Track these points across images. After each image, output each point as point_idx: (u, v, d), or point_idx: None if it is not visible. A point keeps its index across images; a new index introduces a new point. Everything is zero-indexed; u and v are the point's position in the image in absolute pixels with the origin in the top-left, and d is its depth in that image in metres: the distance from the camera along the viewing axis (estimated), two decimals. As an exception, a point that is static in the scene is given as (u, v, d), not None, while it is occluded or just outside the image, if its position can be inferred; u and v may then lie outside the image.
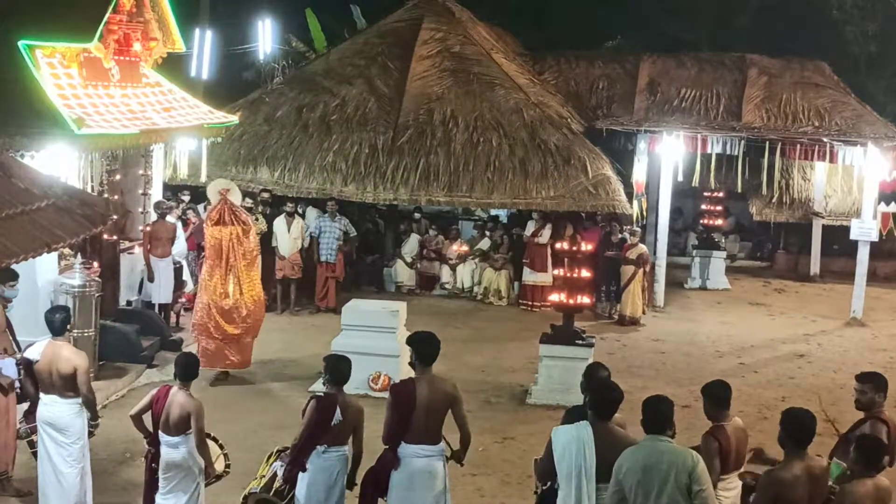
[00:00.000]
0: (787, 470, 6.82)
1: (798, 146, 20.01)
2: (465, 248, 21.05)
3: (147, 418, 8.68)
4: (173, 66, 17.66)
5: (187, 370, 8.63)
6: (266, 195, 18.95)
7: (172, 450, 8.51)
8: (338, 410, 8.19)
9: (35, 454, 9.42)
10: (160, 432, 8.54)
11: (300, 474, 8.29)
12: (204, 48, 23.73)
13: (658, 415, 6.99)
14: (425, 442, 8.20)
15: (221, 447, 8.99)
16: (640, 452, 6.81)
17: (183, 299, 16.97)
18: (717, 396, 7.89)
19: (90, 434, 9.40)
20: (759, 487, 7.00)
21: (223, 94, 22.58)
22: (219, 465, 8.87)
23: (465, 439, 8.49)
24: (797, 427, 6.96)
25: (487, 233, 21.39)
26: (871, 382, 8.26)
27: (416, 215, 21.57)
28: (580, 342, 13.66)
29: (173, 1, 15.26)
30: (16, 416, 9.69)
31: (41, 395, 9.13)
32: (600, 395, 7.37)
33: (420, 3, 23.92)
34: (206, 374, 13.27)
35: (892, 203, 19.07)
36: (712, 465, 7.32)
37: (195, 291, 17.48)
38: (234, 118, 17.35)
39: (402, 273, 20.92)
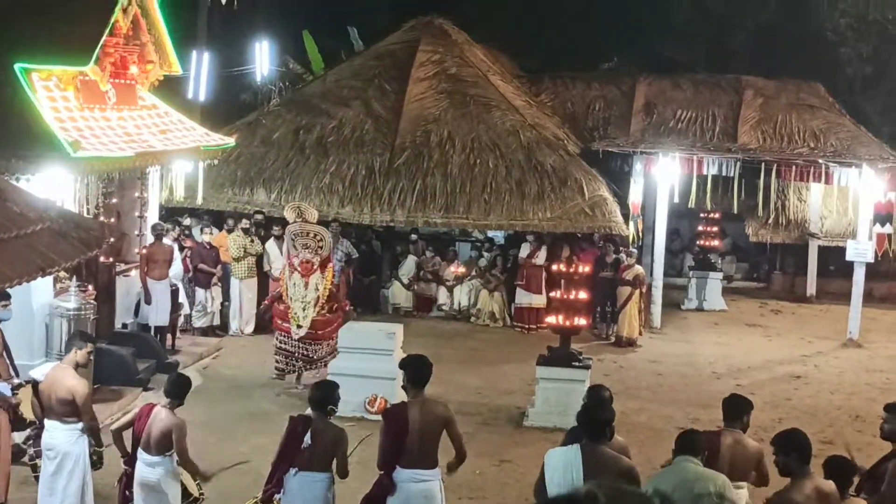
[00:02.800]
0: (797, 491, 6.81)
1: (794, 167, 20.07)
2: (462, 269, 21.04)
3: (127, 437, 8.62)
4: (170, 88, 17.66)
5: (178, 388, 8.59)
6: (259, 217, 18.95)
7: (149, 469, 8.45)
8: (308, 434, 8.14)
9: (37, 478, 9.38)
10: (139, 450, 8.47)
11: (279, 496, 8.25)
12: (201, 70, 23.73)
13: (691, 442, 7.36)
14: (421, 466, 8.18)
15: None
16: (670, 474, 7.10)
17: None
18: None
19: (95, 465, 9.31)
20: None
21: (220, 116, 22.60)
22: (192, 489, 8.86)
23: (462, 457, 8.50)
24: (797, 445, 6.95)
25: (485, 254, 21.39)
26: (894, 413, 8.22)
27: (413, 237, 21.57)
28: (577, 364, 13.63)
29: (170, 23, 15.28)
30: (9, 444, 9.63)
31: (45, 420, 9.10)
32: (588, 416, 7.36)
33: (417, 26, 24.02)
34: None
35: (888, 224, 19.10)
36: None
37: (190, 314, 17.58)
38: (231, 140, 17.36)
39: (399, 295, 20.90)
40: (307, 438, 8.14)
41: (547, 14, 31.75)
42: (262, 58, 25.75)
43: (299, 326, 14.60)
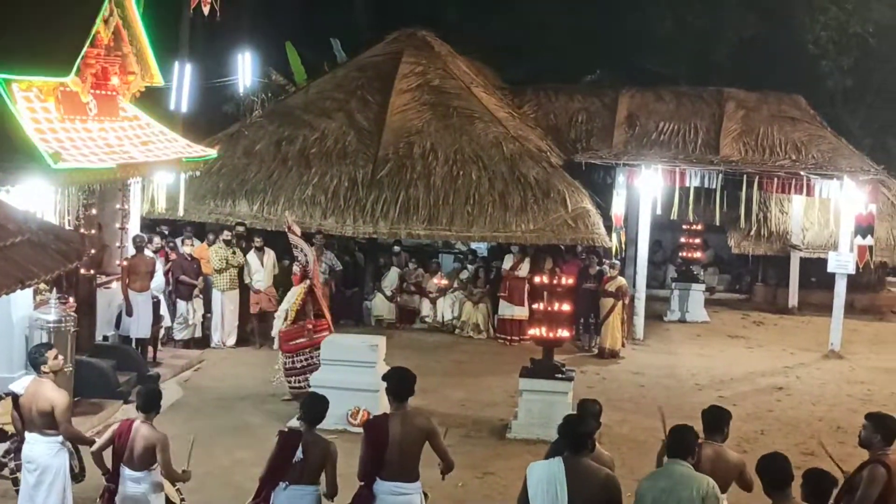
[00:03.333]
0: None
1: (775, 179, 20.14)
2: (445, 281, 21.01)
3: (107, 453, 8.56)
4: (152, 99, 17.59)
5: (148, 401, 8.53)
6: (241, 229, 18.89)
7: (135, 484, 8.40)
8: (300, 448, 8.12)
9: (18, 492, 9.30)
10: (123, 467, 8.41)
11: None
12: (183, 81, 23.66)
13: (682, 442, 7.45)
14: (401, 479, 8.15)
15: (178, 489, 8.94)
16: (659, 475, 7.32)
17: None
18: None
19: (77, 477, 9.23)
20: None
21: (202, 128, 22.53)
22: (175, 499, 8.81)
23: (449, 467, 8.49)
24: (774, 471, 6.97)
25: (468, 266, 21.38)
26: (871, 421, 8.20)
27: (396, 248, 21.54)
28: (560, 376, 13.62)
29: (152, 34, 15.22)
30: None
31: (25, 433, 9.01)
32: (569, 428, 7.35)
33: (400, 37, 24.03)
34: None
35: (869, 236, 19.18)
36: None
37: (172, 326, 17.51)
38: (213, 152, 17.29)
39: (382, 307, 20.85)
40: (299, 453, 8.12)
41: (530, 26, 31.82)
42: (245, 69, 25.68)
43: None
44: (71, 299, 13.71)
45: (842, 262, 19.50)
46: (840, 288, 19.68)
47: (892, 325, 23.41)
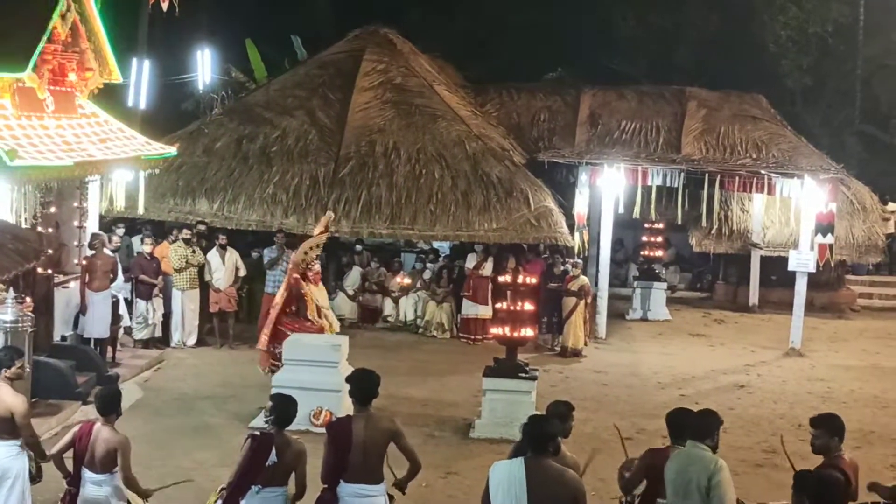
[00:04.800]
0: None
1: (736, 178, 20.23)
2: (407, 280, 20.94)
3: (68, 456, 8.42)
4: (110, 96, 17.40)
5: (106, 403, 8.39)
6: (202, 227, 18.68)
7: (96, 487, 8.27)
8: (273, 451, 8.04)
9: None
10: (84, 469, 8.28)
11: None
12: (142, 78, 23.47)
13: (700, 425, 7.84)
14: (365, 481, 8.08)
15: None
16: (678, 457, 7.67)
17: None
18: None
19: (34, 479, 9.07)
20: None
21: (161, 125, 22.33)
22: (138, 503, 8.70)
23: (415, 469, 8.42)
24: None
25: (429, 265, 21.30)
26: (823, 427, 8.04)
27: (358, 247, 21.44)
28: (523, 375, 13.59)
29: (110, 30, 15.02)
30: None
31: None
32: (531, 429, 7.25)
33: (361, 35, 23.93)
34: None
35: (829, 234, 19.30)
36: None
37: (131, 325, 17.32)
38: (173, 149, 17.06)
39: (344, 306, 20.73)
40: (273, 456, 8.04)
41: (492, 25, 31.85)
42: (204, 66, 25.54)
43: (332, 331, 15.14)
44: (28, 299, 13.46)
45: (802, 261, 19.63)
46: (800, 286, 19.81)
47: (852, 323, 23.63)
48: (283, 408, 8.31)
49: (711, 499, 7.29)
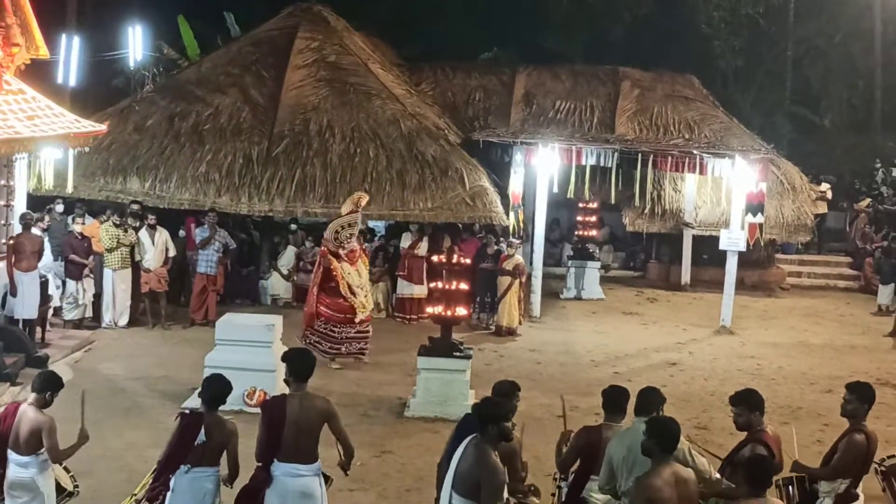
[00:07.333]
0: (656, 476, 6.97)
1: (669, 158, 20.40)
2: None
3: None
4: (38, 73, 17.03)
5: (47, 385, 8.26)
6: (136, 207, 18.43)
7: (21, 469, 8.18)
8: (202, 430, 7.98)
9: None
10: (10, 451, 8.16)
11: (168, 494, 8.06)
12: (71, 55, 23.01)
13: (648, 401, 8.01)
14: (298, 461, 8.09)
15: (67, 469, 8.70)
16: (626, 435, 7.72)
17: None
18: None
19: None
20: (631, 493, 7.13)
21: (91, 102, 21.98)
22: (67, 483, 8.59)
23: (349, 451, 8.47)
24: (664, 435, 7.08)
25: (365, 244, 21.20)
26: (743, 404, 8.25)
27: (293, 227, 21.28)
28: (458, 354, 13.63)
29: (36, 5, 14.72)
30: None
31: None
32: (476, 409, 7.60)
33: (295, 12, 23.71)
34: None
35: (759, 214, 19.57)
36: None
37: (61, 305, 17.05)
38: (103, 127, 16.79)
39: (279, 286, 20.62)
40: (201, 435, 8.01)
41: (428, 4, 31.73)
42: (136, 43, 25.13)
43: (363, 310, 15.98)
44: (-47, 279, 13.25)
45: (733, 240, 19.89)
46: (731, 265, 20.08)
47: (781, 301, 24.02)
48: (215, 387, 8.26)
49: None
